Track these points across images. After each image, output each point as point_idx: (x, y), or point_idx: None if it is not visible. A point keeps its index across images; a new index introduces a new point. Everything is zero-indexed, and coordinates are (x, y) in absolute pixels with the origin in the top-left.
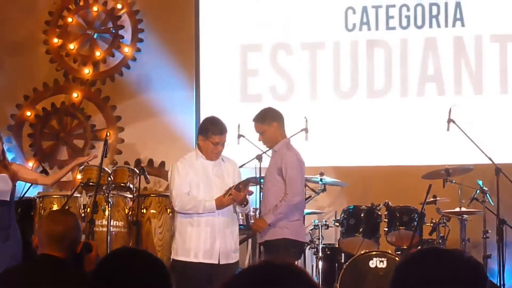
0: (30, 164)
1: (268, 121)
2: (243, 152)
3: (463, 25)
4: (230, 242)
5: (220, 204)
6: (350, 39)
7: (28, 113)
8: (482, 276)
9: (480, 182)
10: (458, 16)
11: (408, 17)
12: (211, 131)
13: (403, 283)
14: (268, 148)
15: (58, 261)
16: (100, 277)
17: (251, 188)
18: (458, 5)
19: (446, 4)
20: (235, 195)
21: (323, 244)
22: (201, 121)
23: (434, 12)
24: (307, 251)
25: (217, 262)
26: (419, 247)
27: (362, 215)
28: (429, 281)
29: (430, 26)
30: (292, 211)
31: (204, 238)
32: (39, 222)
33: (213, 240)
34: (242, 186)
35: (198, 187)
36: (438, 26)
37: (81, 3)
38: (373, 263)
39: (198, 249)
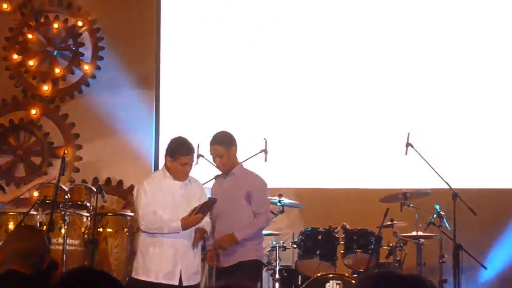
0: None
1: (228, 144)
2: (202, 172)
3: (423, 53)
4: (192, 264)
5: (186, 224)
6: (313, 61)
7: None
8: None
9: (437, 207)
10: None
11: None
12: (179, 152)
13: None
14: (222, 171)
15: (24, 277)
16: None
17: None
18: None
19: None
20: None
21: (280, 266)
22: (160, 140)
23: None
24: (264, 272)
25: (177, 284)
26: (375, 271)
27: (319, 237)
28: None
29: (391, 52)
30: (260, 233)
31: (166, 259)
32: (5, 238)
33: (175, 262)
34: (203, 208)
35: (164, 208)
36: (399, 53)
37: (42, 20)
38: (330, 285)
39: (159, 270)
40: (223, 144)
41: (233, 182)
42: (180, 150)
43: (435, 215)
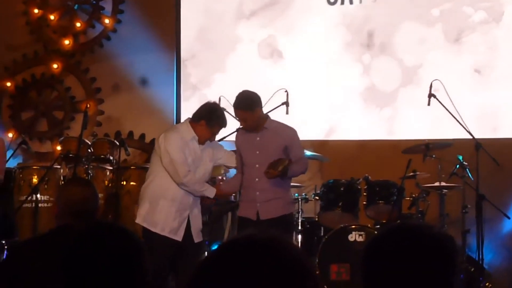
0: (10, 135)
1: (251, 107)
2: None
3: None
4: (198, 222)
5: (218, 195)
6: (332, 12)
7: (8, 84)
8: (449, 251)
9: (460, 157)
10: None
11: None
12: (217, 123)
13: (373, 261)
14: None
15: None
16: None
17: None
18: None
19: None
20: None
21: (303, 218)
22: (182, 93)
23: None
24: None
25: (180, 240)
26: (397, 222)
27: (341, 189)
28: (397, 258)
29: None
30: (289, 187)
31: (174, 216)
32: (59, 191)
33: (183, 219)
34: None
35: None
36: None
37: None
38: (352, 236)
39: (166, 225)
40: (246, 108)
41: (268, 136)
42: (219, 121)
43: (458, 166)
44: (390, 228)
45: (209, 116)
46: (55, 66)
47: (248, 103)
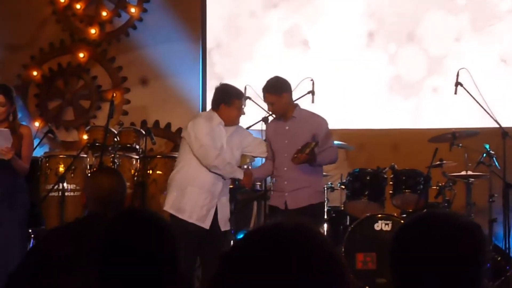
0: (37, 124)
1: (279, 91)
2: (249, 114)
3: None
4: (226, 210)
5: (247, 179)
6: (358, 1)
7: (35, 73)
8: (477, 240)
9: (487, 146)
10: None
11: None
12: (234, 97)
13: (401, 250)
14: (276, 117)
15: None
16: (107, 239)
17: None
18: None
19: None
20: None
21: (328, 207)
22: (207, 82)
23: None
24: None
25: (208, 228)
26: (424, 211)
27: (367, 178)
28: (425, 247)
29: None
30: (321, 175)
31: (202, 203)
32: (86, 180)
33: (211, 206)
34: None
35: None
36: None
37: None
38: (378, 226)
39: (193, 212)
40: (273, 91)
41: (296, 125)
42: (234, 94)
43: (484, 154)
44: (417, 217)
45: (224, 97)
46: (81, 55)
47: (277, 87)
